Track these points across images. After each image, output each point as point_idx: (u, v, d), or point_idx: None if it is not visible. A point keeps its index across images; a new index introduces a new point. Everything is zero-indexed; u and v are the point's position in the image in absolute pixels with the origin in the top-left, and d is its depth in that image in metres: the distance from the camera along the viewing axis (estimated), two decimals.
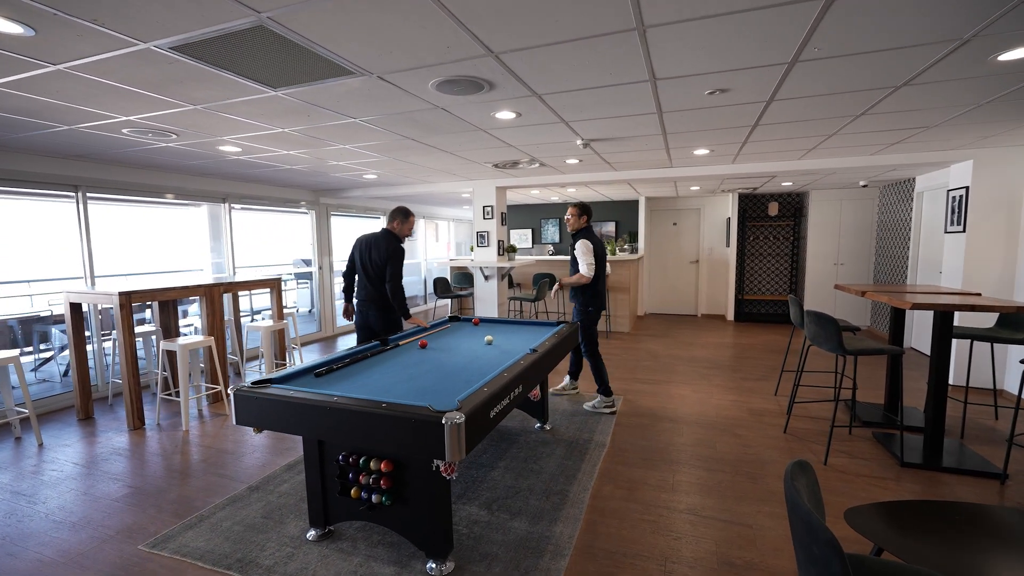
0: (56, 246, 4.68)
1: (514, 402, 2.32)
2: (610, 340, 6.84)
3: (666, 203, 9.10)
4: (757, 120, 3.26)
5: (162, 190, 5.20)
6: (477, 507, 2.64)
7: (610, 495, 2.76)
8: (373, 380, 2.41)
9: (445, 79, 2.32)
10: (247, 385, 2.21)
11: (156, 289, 3.92)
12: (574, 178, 5.78)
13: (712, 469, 3.04)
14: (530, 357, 2.70)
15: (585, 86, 2.49)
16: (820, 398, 4.29)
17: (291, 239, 7.59)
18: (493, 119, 3.14)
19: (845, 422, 3.73)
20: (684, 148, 4.20)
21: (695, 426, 3.72)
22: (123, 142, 3.62)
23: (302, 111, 2.88)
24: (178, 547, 2.32)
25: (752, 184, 6.89)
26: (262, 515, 2.60)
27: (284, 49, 1.94)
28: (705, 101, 2.77)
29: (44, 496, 2.83)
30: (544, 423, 3.69)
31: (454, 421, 1.78)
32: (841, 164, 4.86)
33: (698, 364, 5.54)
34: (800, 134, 3.70)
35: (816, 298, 7.72)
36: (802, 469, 1.44)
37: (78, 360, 4.04)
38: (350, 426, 1.94)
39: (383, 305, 3.73)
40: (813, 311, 3.25)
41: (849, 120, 3.27)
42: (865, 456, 3.19)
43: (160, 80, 2.26)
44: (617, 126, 3.38)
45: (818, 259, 7.69)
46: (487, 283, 6.30)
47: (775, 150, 4.33)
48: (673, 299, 9.21)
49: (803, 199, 8.03)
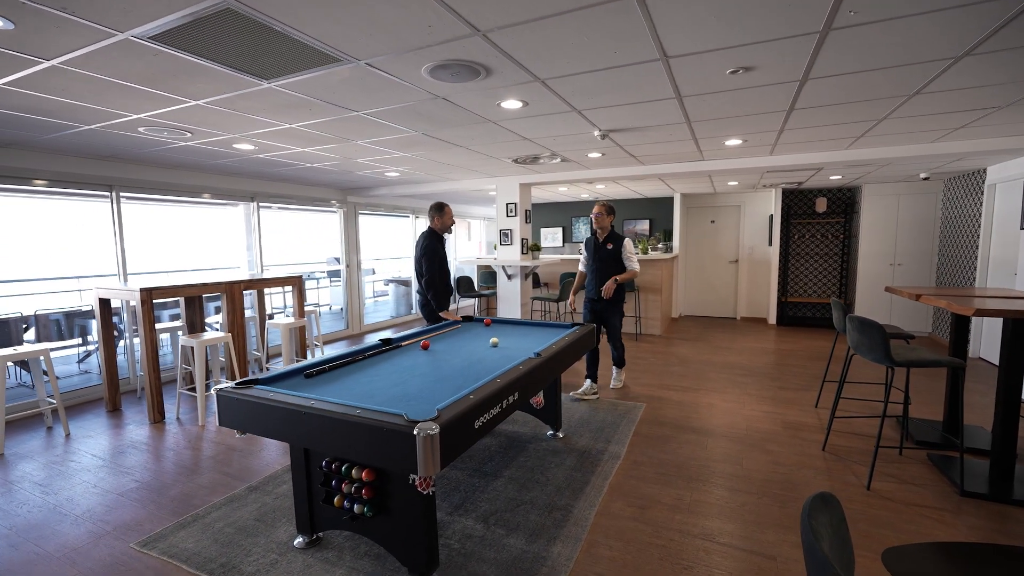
0: (97, 244, 4.90)
1: (507, 411, 2.15)
2: (639, 343, 6.54)
3: (703, 200, 8.64)
4: (792, 104, 2.93)
5: (192, 190, 5.35)
6: (474, 519, 2.49)
7: (618, 513, 2.54)
8: (361, 383, 2.30)
9: (437, 64, 2.18)
10: (231, 385, 2.15)
11: (177, 286, 3.99)
12: (600, 173, 5.53)
13: (735, 489, 2.75)
14: (531, 362, 2.52)
15: (590, 68, 2.29)
16: (867, 413, 3.88)
17: (324, 238, 7.70)
18: (500, 109, 2.98)
19: (895, 441, 3.33)
20: (714, 138, 3.89)
21: (721, 439, 3.42)
22: (145, 141, 3.71)
23: (302, 105, 2.81)
24: (167, 547, 2.29)
25: (796, 178, 6.40)
26: (255, 517, 2.55)
27: (259, 34, 1.85)
28: (728, 82, 2.49)
29: (57, 487, 2.90)
30: (557, 430, 3.49)
31: (427, 432, 1.63)
32: (896, 153, 4.39)
33: (732, 371, 5.17)
34: (844, 119, 3.33)
35: (868, 301, 7.10)
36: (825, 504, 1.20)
37: (106, 354, 4.18)
38: (324, 433, 1.83)
39: (424, 299, 4.02)
40: (856, 316, 2.89)
41: (901, 101, 2.90)
42: (917, 482, 2.81)
43: (152, 74, 2.24)
44: (635, 114, 3.14)
45: (872, 259, 7.06)
46: (510, 282, 6.14)
47: (817, 139, 3.94)
48: (710, 301, 8.74)
49: (855, 194, 7.41)
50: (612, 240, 4.18)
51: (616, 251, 4.15)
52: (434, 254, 3.92)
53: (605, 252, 4.18)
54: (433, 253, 3.92)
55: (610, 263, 4.16)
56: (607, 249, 4.17)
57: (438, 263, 3.96)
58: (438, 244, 4.00)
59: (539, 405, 3.44)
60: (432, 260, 3.91)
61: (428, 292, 3.94)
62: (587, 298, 4.36)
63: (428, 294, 3.95)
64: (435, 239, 3.98)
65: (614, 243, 4.17)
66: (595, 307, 4.29)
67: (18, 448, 3.48)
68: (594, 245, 4.27)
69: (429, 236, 3.97)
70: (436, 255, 3.93)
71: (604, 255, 4.18)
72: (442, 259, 4.03)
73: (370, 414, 1.77)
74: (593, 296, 4.28)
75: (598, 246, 4.24)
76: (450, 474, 2.96)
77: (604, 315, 4.27)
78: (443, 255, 4.06)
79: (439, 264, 3.98)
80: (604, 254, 4.19)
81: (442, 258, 4.03)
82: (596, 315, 4.31)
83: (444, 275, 4.03)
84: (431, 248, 3.92)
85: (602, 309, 4.25)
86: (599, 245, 4.23)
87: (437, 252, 3.95)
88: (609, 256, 4.16)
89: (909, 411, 3.81)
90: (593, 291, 4.27)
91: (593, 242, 4.29)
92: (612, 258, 4.15)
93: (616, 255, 4.15)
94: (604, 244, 4.20)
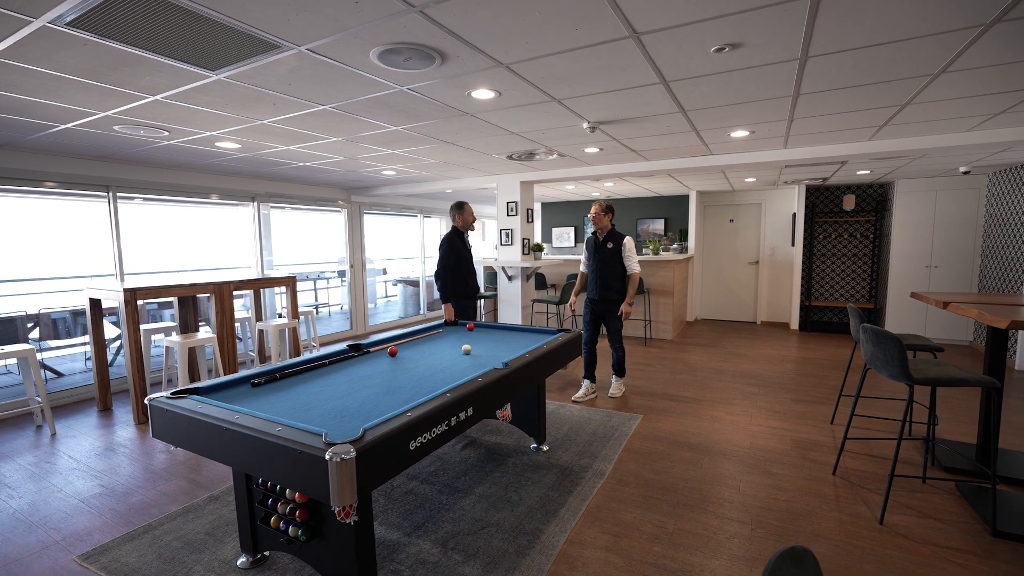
0: (101, 244, 4.94)
1: (456, 429, 1.95)
2: (648, 348, 6.23)
3: (721, 198, 8.23)
4: (796, 89, 2.63)
5: (192, 190, 5.35)
6: (432, 542, 2.30)
7: (590, 541, 2.30)
8: (305, 394, 2.14)
9: (384, 48, 1.99)
10: (165, 395, 2.02)
11: (162, 286, 3.95)
12: (603, 170, 5.26)
13: (727, 517, 2.48)
14: (495, 374, 2.31)
15: (553, 50, 2.06)
16: (887, 432, 3.51)
17: (334, 238, 7.67)
18: (473, 100, 2.78)
19: (918, 467, 2.97)
20: (717, 130, 3.58)
21: (719, 458, 3.13)
22: (128, 141, 3.67)
23: (264, 99, 2.68)
24: (109, 562, 2.19)
25: (819, 173, 5.96)
26: (207, 531, 2.42)
27: (178, 16, 1.70)
28: (715, 63, 2.22)
29: (24, 491, 2.86)
30: (540, 443, 3.27)
31: (342, 457, 1.44)
32: (928, 144, 3.97)
33: (743, 380, 4.82)
34: (860, 106, 2.98)
35: (901, 307, 6.58)
36: (795, 561, 0.97)
37: (96, 353, 4.18)
38: (243, 451, 1.67)
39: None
40: (869, 326, 2.57)
41: (924, 82, 2.55)
42: (941, 516, 2.47)
43: (91, 66, 2.14)
44: (621, 103, 2.89)
45: (905, 260, 6.54)
46: (510, 284, 5.94)
47: (834, 129, 3.59)
48: (728, 304, 8.31)
49: (887, 190, 6.88)
50: (612, 239, 4.07)
51: (616, 250, 4.03)
52: (450, 248, 4.04)
53: (605, 252, 4.06)
54: (450, 247, 4.05)
55: (610, 263, 4.04)
56: (607, 248, 4.06)
57: (454, 258, 4.06)
58: (458, 240, 4.11)
59: (506, 419, 3.23)
60: (447, 253, 4.03)
61: (437, 283, 4.05)
62: (587, 298, 4.24)
63: (436, 284, 4.06)
64: (455, 235, 4.11)
65: (614, 242, 4.05)
66: (596, 308, 4.16)
67: (2, 447, 3.49)
68: (594, 244, 4.15)
69: (450, 232, 4.13)
70: (453, 249, 4.05)
71: (604, 255, 4.07)
72: (460, 255, 4.11)
73: (289, 433, 1.60)
74: (594, 297, 4.14)
75: (598, 245, 4.12)
76: (419, 488, 2.79)
77: (605, 316, 4.13)
78: (463, 252, 4.14)
79: (455, 259, 4.07)
80: (604, 254, 4.07)
81: (460, 254, 4.11)
82: (596, 316, 4.18)
83: (461, 271, 4.11)
84: (448, 240, 4.07)
85: (603, 311, 4.12)
86: (599, 244, 4.12)
87: (454, 247, 4.06)
88: (609, 256, 4.05)
89: (936, 432, 3.43)
90: (594, 291, 4.12)
91: (593, 241, 4.17)
92: (612, 258, 4.04)
93: (616, 254, 4.03)
94: (604, 243, 4.08)
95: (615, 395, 4.25)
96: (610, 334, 4.18)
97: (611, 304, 4.08)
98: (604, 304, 4.10)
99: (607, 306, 4.09)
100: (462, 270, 4.15)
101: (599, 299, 4.11)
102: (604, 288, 4.07)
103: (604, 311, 4.12)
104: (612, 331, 4.15)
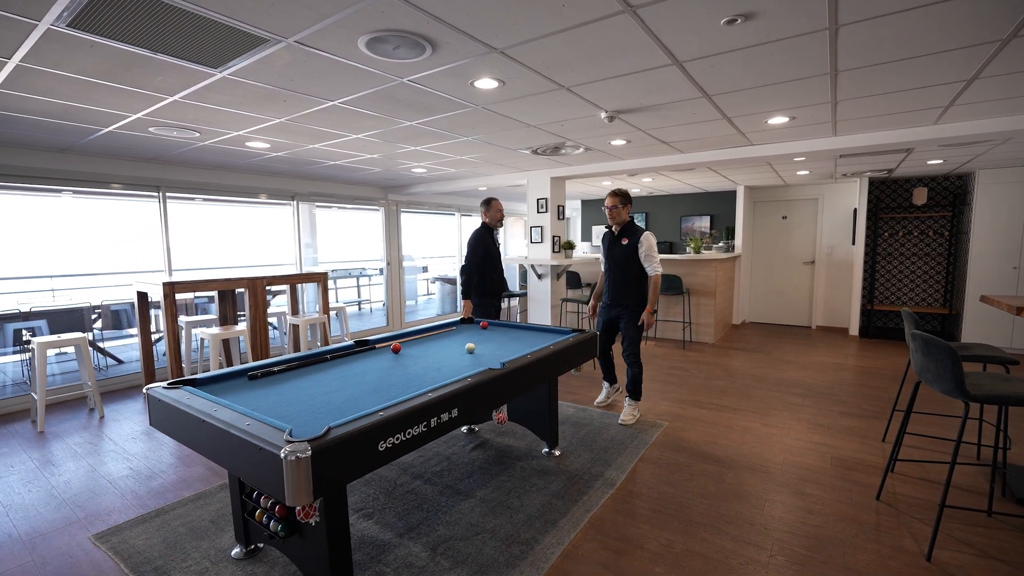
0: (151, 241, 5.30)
1: (436, 431, 1.87)
2: (686, 351, 5.90)
3: (771, 193, 7.68)
4: (833, 65, 2.34)
5: (235, 190, 5.62)
6: (422, 545, 2.24)
7: (588, 556, 2.15)
8: (295, 389, 2.14)
9: (370, 36, 1.94)
10: (163, 385, 2.08)
11: (198, 280, 4.16)
12: (636, 164, 5.02)
13: (744, 540, 2.24)
14: (488, 374, 2.21)
15: (546, 31, 1.93)
16: (947, 455, 3.08)
17: (376, 236, 7.86)
18: (477, 91, 2.69)
19: (983, 496, 2.58)
20: (751, 116, 3.29)
21: (746, 473, 2.87)
22: (168, 144, 3.88)
23: (274, 96, 2.73)
24: (118, 543, 2.29)
25: (881, 164, 5.40)
26: (212, 519, 2.49)
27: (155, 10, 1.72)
28: (731, 39, 2.00)
29: (64, 468, 3.08)
30: (552, 447, 3.14)
31: (297, 456, 1.40)
32: (1011, 126, 3.45)
33: (787, 389, 4.44)
34: (915, 83, 2.62)
35: (982, 312, 5.84)
36: None
37: (143, 343, 4.47)
38: (217, 445, 1.67)
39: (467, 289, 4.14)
40: (919, 332, 2.25)
41: (992, 50, 2.19)
42: (1006, 556, 2.12)
43: (106, 68, 2.24)
44: (636, 89, 2.70)
45: (987, 261, 5.80)
46: (540, 282, 5.81)
47: (888, 111, 3.19)
48: (780, 306, 7.75)
49: (966, 182, 6.14)
50: (628, 234, 3.49)
51: (632, 247, 3.44)
52: (477, 243, 4.03)
53: (619, 250, 3.50)
54: (477, 242, 4.04)
55: (624, 263, 3.48)
56: (622, 245, 3.48)
57: (480, 253, 4.04)
58: (487, 236, 4.09)
59: (502, 423, 3.11)
60: (474, 249, 4.03)
61: (461, 277, 4.07)
62: (601, 304, 3.75)
63: (461, 279, 4.08)
64: (484, 231, 4.10)
65: (630, 238, 3.46)
66: (609, 313, 3.66)
67: (57, 427, 3.79)
68: (609, 241, 3.63)
69: (480, 228, 4.13)
70: (480, 244, 4.03)
71: (618, 253, 3.51)
72: (487, 251, 4.08)
73: (255, 428, 1.58)
74: (606, 301, 3.67)
75: (613, 242, 3.58)
76: (421, 488, 2.74)
77: (619, 322, 3.61)
78: (491, 247, 4.11)
79: (483, 255, 4.05)
80: (618, 252, 3.51)
81: (488, 250, 4.08)
82: (609, 325, 3.69)
83: (488, 268, 4.09)
84: (476, 236, 4.07)
85: (616, 316, 3.60)
86: (614, 240, 3.58)
87: (482, 242, 4.04)
88: (623, 255, 3.48)
89: (1008, 457, 2.98)
90: (607, 295, 3.66)
91: (608, 237, 3.65)
92: (627, 257, 3.46)
93: (631, 253, 3.44)
94: (619, 239, 3.52)
95: (626, 423, 3.54)
96: (625, 345, 3.58)
97: (624, 311, 3.52)
98: (616, 310, 3.57)
99: (621, 312, 3.55)
100: (487, 267, 4.08)
101: (611, 303, 3.60)
102: (616, 292, 3.56)
103: (618, 316, 3.58)
104: (627, 342, 3.55)
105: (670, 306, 6.60)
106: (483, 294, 4.06)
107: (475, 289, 4.03)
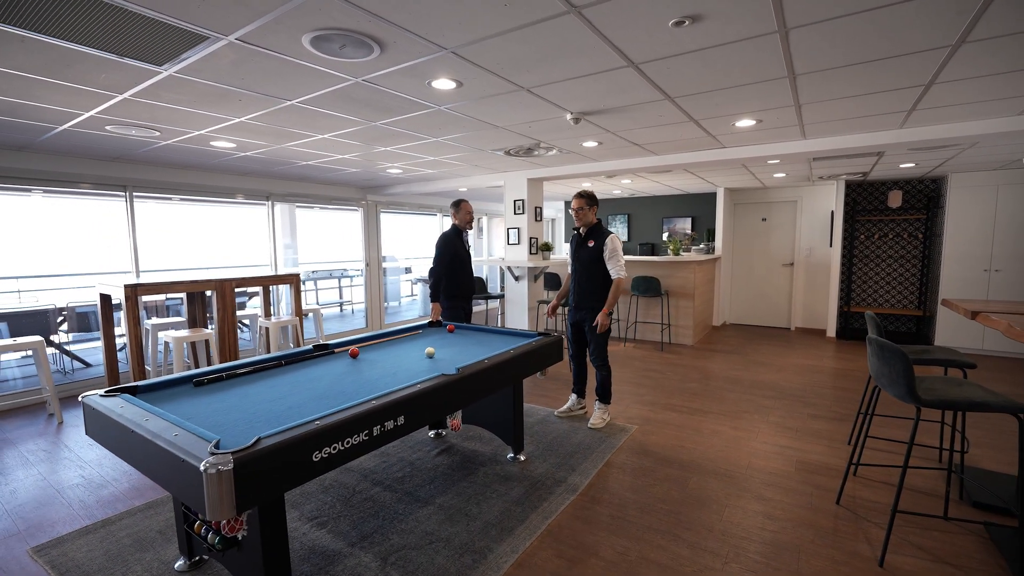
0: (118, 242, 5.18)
1: (380, 440, 1.82)
2: (663, 354, 5.90)
3: (751, 195, 7.71)
4: (789, 68, 2.32)
5: (205, 189, 5.52)
6: (373, 555, 2.19)
7: (541, 565, 2.12)
8: (238, 396, 2.08)
9: (314, 34, 1.89)
10: (99, 393, 2.01)
11: (162, 283, 4.07)
12: (611, 166, 5.00)
13: (700, 547, 2.22)
14: (440, 380, 2.16)
15: (494, 31, 1.89)
16: (913, 457, 3.09)
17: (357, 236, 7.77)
18: (436, 91, 2.64)
19: (939, 500, 2.58)
20: (718, 118, 3.28)
21: (709, 478, 2.85)
22: (130, 143, 3.79)
23: (229, 95, 2.66)
24: (57, 556, 2.21)
25: (855, 167, 5.44)
26: (159, 529, 2.42)
27: (80, 3, 1.66)
28: (683, 41, 1.98)
29: (12, 477, 2.98)
30: (518, 452, 3.10)
31: (218, 468, 1.35)
32: (976, 130, 3.48)
33: (760, 392, 4.44)
34: (874, 86, 2.62)
35: (955, 315, 5.90)
36: None
37: (106, 346, 4.36)
38: (145, 457, 1.61)
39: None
40: (875, 338, 2.24)
41: (944, 55, 2.19)
42: (960, 562, 2.11)
43: (44, 63, 2.16)
44: (597, 91, 2.67)
45: (960, 263, 5.86)
46: (517, 284, 5.77)
47: (853, 115, 3.20)
48: (760, 308, 7.79)
49: (939, 186, 6.21)
50: (594, 236, 3.46)
51: (597, 249, 3.42)
52: (446, 245, 3.98)
53: (585, 252, 3.47)
54: (446, 244, 3.98)
55: (590, 265, 3.46)
56: (588, 247, 3.46)
57: (449, 255, 3.99)
58: (455, 238, 4.05)
59: (456, 429, 3.06)
60: (442, 251, 3.98)
61: (429, 280, 4.03)
62: (568, 306, 3.72)
63: (428, 282, 4.05)
64: (453, 233, 4.06)
65: (596, 240, 3.44)
66: (575, 316, 3.63)
67: (11, 433, 3.67)
68: (576, 243, 3.59)
69: (448, 230, 4.09)
70: (449, 246, 3.98)
71: (584, 255, 3.48)
72: (456, 253, 4.03)
73: (182, 439, 1.52)
74: (571, 304, 3.64)
75: (580, 243, 3.55)
76: (380, 495, 2.69)
77: (583, 325, 3.60)
78: (459, 250, 4.06)
79: (451, 257, 4.00)
80: (584, 254, 3.48)
81: (457, 252, 4.03)
82: (575, 326, 3.67)
83: (458, 270, 4.05)
84: (445, 238, 4.01)
85: (582, 319, 3.58)
86: (581, 242, 3.54)
87: (451, 244, 3.99)
88: (589, 256, 3.46)
89: (965, 460, 2.99)
90: (572, 297, 3.63)
91: (576, 239, 3.61)
92: (592, 259, 3.45)
93: (597, 255, 3.43)
94: (585, 241, 3.50)
95: (596, 426, 3.53)
96: (591, 349, 3.56)
97: (589, 313, 3.51)
98: (582, 312, 3.55)
99: (585, 315, 3.54)
100: (457, 269, 4.03)
101: (576, 306, 3.57)
102: (581, 294, 3.53)
103: (583, 319, 3.56)
104: (594, 346, 3.53)
105: (649, 308, 6.60)
106: (452, 296, 4.01)
107: (444, 291, 3.98)
